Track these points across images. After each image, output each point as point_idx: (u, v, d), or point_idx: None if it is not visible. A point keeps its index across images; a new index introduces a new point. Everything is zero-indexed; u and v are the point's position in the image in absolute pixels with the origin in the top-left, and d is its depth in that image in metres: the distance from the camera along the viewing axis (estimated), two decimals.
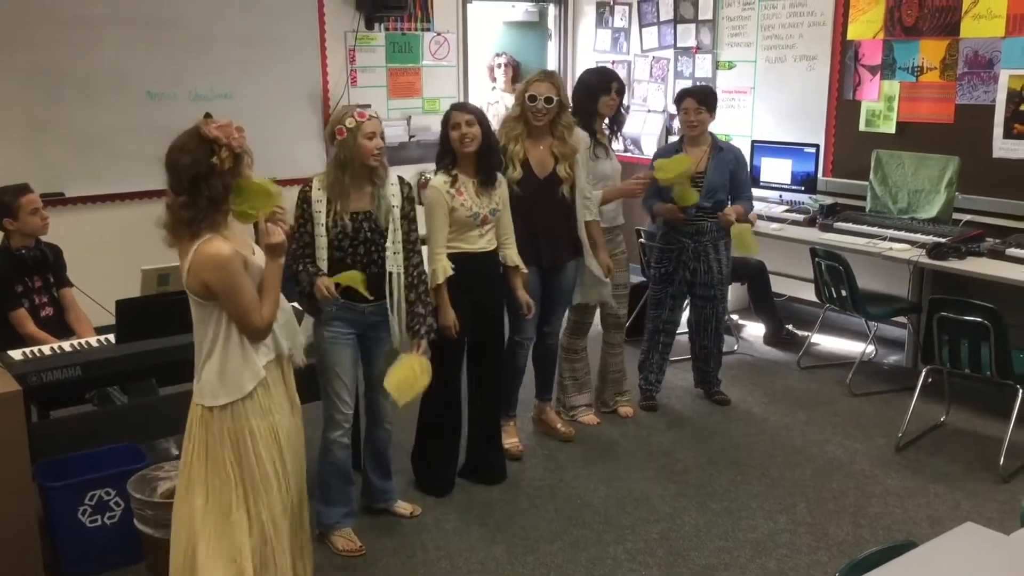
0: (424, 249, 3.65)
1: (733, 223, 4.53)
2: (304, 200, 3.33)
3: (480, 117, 3.73)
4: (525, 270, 3.97)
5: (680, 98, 4.67)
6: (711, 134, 4.69)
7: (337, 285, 3.22)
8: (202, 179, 2.50)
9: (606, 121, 4.51)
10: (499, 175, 3.84)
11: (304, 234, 3.32)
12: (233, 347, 2.62)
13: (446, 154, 3.77)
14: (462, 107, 3.82)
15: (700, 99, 4.59)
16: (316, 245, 3.32)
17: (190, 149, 2.51)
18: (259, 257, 2.69)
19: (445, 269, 3.68)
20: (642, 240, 5.61)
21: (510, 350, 4.25)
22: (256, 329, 2.61)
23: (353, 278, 3.21)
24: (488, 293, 3.88)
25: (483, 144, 3.71)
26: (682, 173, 4.40)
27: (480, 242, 3.80)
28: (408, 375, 3.34)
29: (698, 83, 6.43)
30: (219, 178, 2.51)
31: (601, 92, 4.39)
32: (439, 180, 3.73)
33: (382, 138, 3.32)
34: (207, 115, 2.61)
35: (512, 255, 3.93)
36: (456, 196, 3.70)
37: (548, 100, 3.97)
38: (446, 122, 3.73)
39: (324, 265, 3.32)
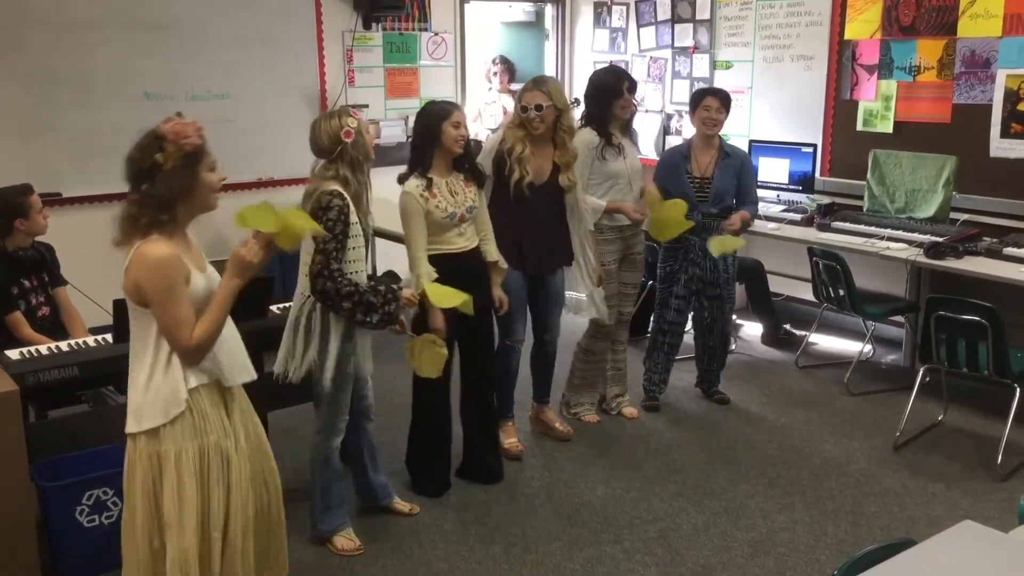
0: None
1: (737, 232, 4.49)
2: (346, 211, 3.19)
3: None
4: (505, 266, 3.97)
5: (700, 96, 4.60)
6: (720, 138, 4.67)
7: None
8: (144, 175, 2.38)
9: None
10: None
11: (339, 248, 3.18)
12: (160, 366, 2.42)
13: (426, 153, 3.68)
14: (456, 106, 3.82)
15: (723, 99, 4.57)
16: (354, 258, 3.25)
17: (142, 145, 2.41)
18: (210, 279, 2.51)
19: (429, 273, 3.61)
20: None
21: (502, 354, 4.22)
22: (184, 348, 2.39)
23: (466, 303, 3.39)
24: (475, 290, 3.80)
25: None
26: (679, 220, 4.30)
27: (460, 241, 3.77)
28: (424, 354, 3.48)
29: (696, 83, 6.44)
30: (165, 177, 2.36)
31: (614, 96, 4.31)
32: (412, 185, 3.64)
33: None
34: (178, 113, 2.53)
35: (492, 250, 3.92)
36: (430, 199, 3.64)
37: (538, 107, 3.94)
38: (442, 119, 3.65)
39: (364, 277, 3.30)
